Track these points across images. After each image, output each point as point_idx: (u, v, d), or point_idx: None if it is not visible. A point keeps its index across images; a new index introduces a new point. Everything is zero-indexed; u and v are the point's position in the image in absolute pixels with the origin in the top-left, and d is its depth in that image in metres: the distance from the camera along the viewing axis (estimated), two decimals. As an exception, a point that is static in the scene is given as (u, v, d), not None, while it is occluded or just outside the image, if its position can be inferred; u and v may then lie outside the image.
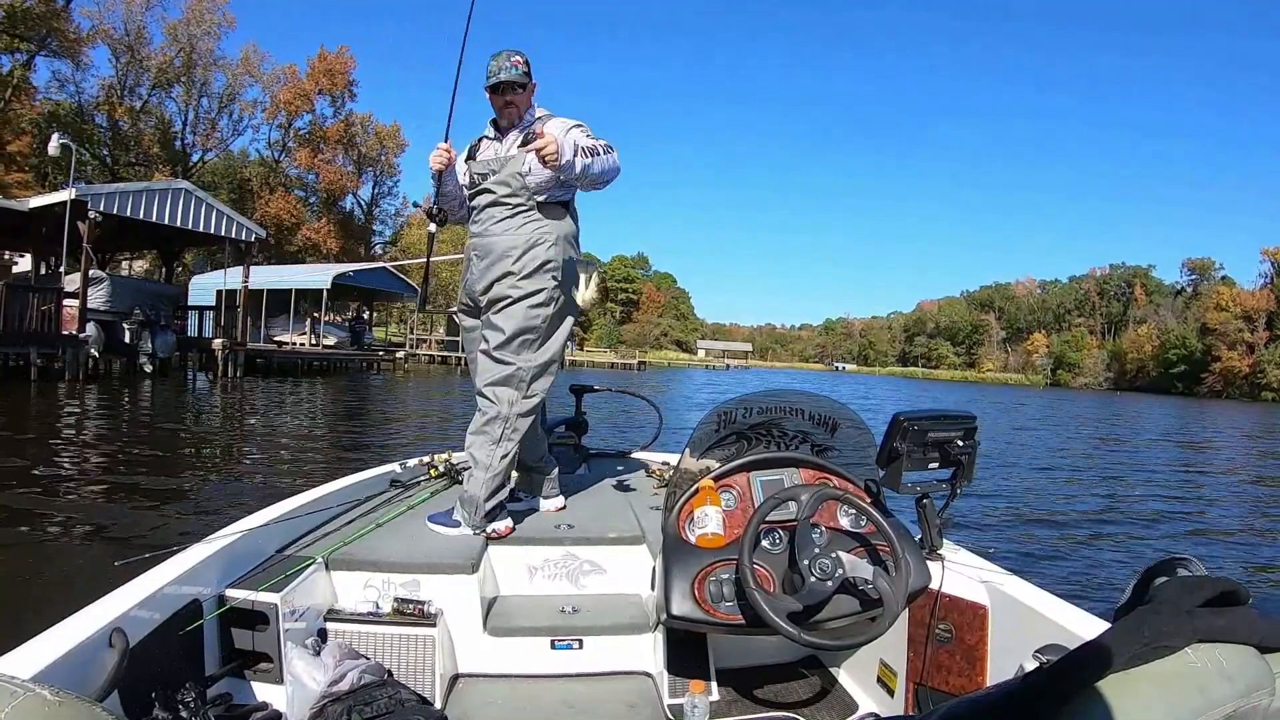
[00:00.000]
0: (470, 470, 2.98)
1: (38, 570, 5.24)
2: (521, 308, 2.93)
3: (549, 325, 2.99)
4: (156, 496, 7.55)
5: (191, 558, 2.15)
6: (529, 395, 2.98)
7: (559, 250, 2.98)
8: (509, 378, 2.94)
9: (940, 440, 2.28)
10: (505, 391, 2.95)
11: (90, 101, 45.09)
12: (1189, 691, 0.77)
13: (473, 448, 2.99)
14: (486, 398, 2.97)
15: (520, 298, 2.92)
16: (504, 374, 2.94)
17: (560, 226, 3.00)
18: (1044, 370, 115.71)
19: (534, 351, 2.97)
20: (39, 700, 0.76)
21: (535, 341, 2.97)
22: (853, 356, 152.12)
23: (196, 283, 32.07)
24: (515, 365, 2.94)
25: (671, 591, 2.09)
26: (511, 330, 2.92)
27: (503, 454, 2.94)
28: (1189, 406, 57.59)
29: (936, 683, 2.21)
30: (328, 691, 2.07)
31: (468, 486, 2.92)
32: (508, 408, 2.95)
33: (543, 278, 2.94)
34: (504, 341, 2.93)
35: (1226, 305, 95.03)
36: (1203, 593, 0.82)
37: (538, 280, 2.93)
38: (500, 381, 2.95)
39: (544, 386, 3.03)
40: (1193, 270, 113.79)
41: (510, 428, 2.95)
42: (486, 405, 2.97)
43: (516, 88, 2.93)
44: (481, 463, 2.93)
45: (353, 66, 56.85)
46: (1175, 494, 11.98)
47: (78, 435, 11.31)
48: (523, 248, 2.94)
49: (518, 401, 2.96)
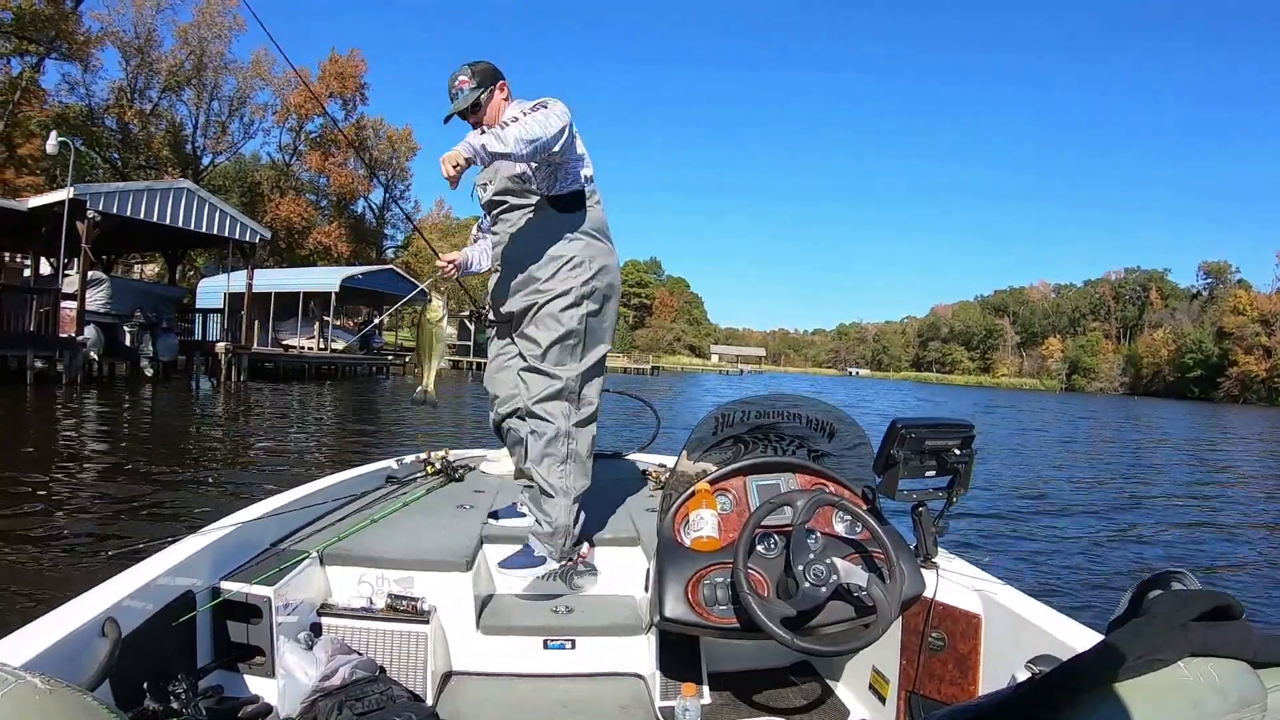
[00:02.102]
0: (544, 501, 2.77)
1: (30, 560, 5.23)
2: (552, 311, 2.73)
3: (586, 325, 2.77)
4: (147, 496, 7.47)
5: (185, 549, 2.15)
6: (583, 404, 2.80)
7: (581, 244, 2.77)
8: (559, 392, 2.74)
9: (937, 448, 2.25)
10: (558, 405, 2.75)
11: (100, 104, 45.00)
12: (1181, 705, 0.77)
13: (543, 474, 2.77)
14: (540, 416, 2.76)
15: (547, 301, 2.73)
16: (552, 389, 2.74)
17: (576, 218, 2.78)
18: (1059, 375, 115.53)
19: (577, 360, 2.77)
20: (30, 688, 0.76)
21: (576, 346, 2.76)
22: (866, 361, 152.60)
23: (204, 285, 31.90)
24: (562, 379, 2.74)
25: (665, 594, 2.10)
26: (548, 339, 2.73)
27: (575, 473, 2.78)
28: (1205, 411, 57.20)
29: (929, 691, 2.20)
30: (319, 686, 2.09)
31: (552, 518, 2.74)
32: (565, 422, 2.75)
33: (568, 275, 2.73)
34: (542, 352, 2.74)
35: (1243, 309, 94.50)
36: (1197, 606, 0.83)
37: (563, 279, 2.73)
38: (550, 397, 2.75)
39: (597, 390, 2.85)
40: (1208, 273, 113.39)
41: (573, 441, 2.77)
42: (542, 425, 2.76)
43: (472, 109, 2.76)
44: (558, 488, 2.74)
45: (364, 69, 56.69)
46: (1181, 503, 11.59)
47: (73, 437, 11.20)
48: (541, 248, 2.76)
49: (573, 413, 2.77)
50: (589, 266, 2.75)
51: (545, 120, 2.46)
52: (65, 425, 12.40)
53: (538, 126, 2.43)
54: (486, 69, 2.78)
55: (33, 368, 16.58)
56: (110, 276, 22.96)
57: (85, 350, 18.18)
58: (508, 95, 2.82)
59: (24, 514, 6.39)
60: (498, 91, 2.78)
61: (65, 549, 5.53)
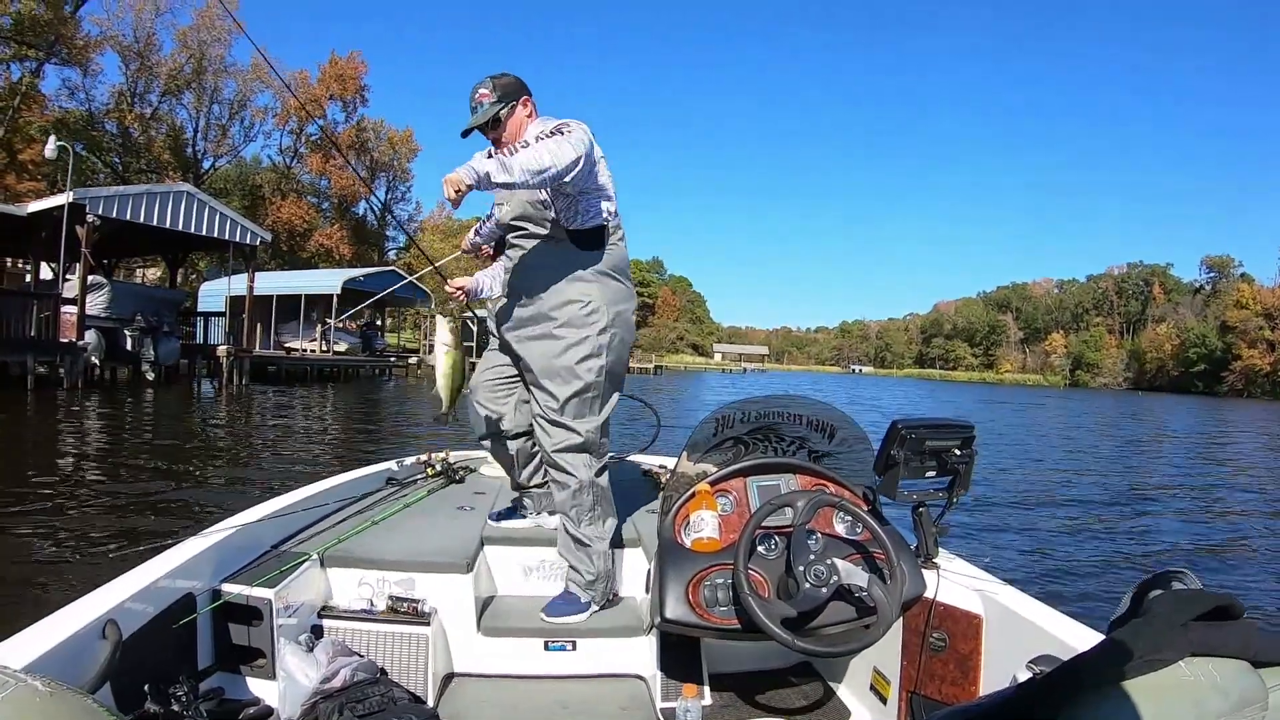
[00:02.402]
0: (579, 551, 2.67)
1: (30, 562, 5.20)
2: (568, 363, 2.58)
3: (604, 378, 2.63)
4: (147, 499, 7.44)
5: (186, 552, 2.15)
6: (602, 454, 2.70)
7: (597, 287, 2.60)
8: (580, 446, 2.62)
9: (938, 449, 2.25)
10: (579, 458, 2.63)
11: (100, 109, 45.01)
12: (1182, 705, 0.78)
13: (573, 527, 2.66)
14: (561, 468, 2.63)
15: (563, 351, 2.58)
16: (573, 442, 2.61)
17: (594, 256, 2.61)
18: (1062, 371, 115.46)
19: (596, 413, 2.64)
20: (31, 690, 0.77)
21: (594, 399, 2.63)
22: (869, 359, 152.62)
23: (207, 289, 31.80)
24: (582, 434, 2.61)
25: (666, 595, 2.10)
26: (566, 394, 2.59)
27: (604, 517, 2.68)
28: (1209, 406, 56.71)
29: (930, 691, 2.19)
30: (320, 688, 2.09)
31: (593, 567, 2.66)
32: (587, 473, 2.64)
33: (582, 321, 2.57)
34: (560, 406, 2.59)
35: (1246, 303, 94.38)
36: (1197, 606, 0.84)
37: (578, 326, 2.57)
38: (571, 449, 2.62)
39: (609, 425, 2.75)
40: (1211, 268, 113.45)
41: (596, 488, 2.66)
42: (565, 478, 2.64)
43: (492, 125, 2.57)
44: (592, 537, 2.65)
45: (364, 71, 56.69)
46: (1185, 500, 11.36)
47: (74, 442, 11.12)
48: (554, 285, 2.59)
49: (594, 463, 2.66)
50: (604, 313, 2.59)
51: (557, 150, 2.29)
52: (66, 430, 12.33)
53: (548, 155, 2.27)
54: (510, 83, 2.59)
55: (33, 373, 16.51)
56: (111, 281, 22.89)
57: (86, 355, 18.13)
58: (532, 112, 2.62)
59: (24, 517, 6.36)
60: (520, 108, 2.59)
61: (65, 551, 5.49)
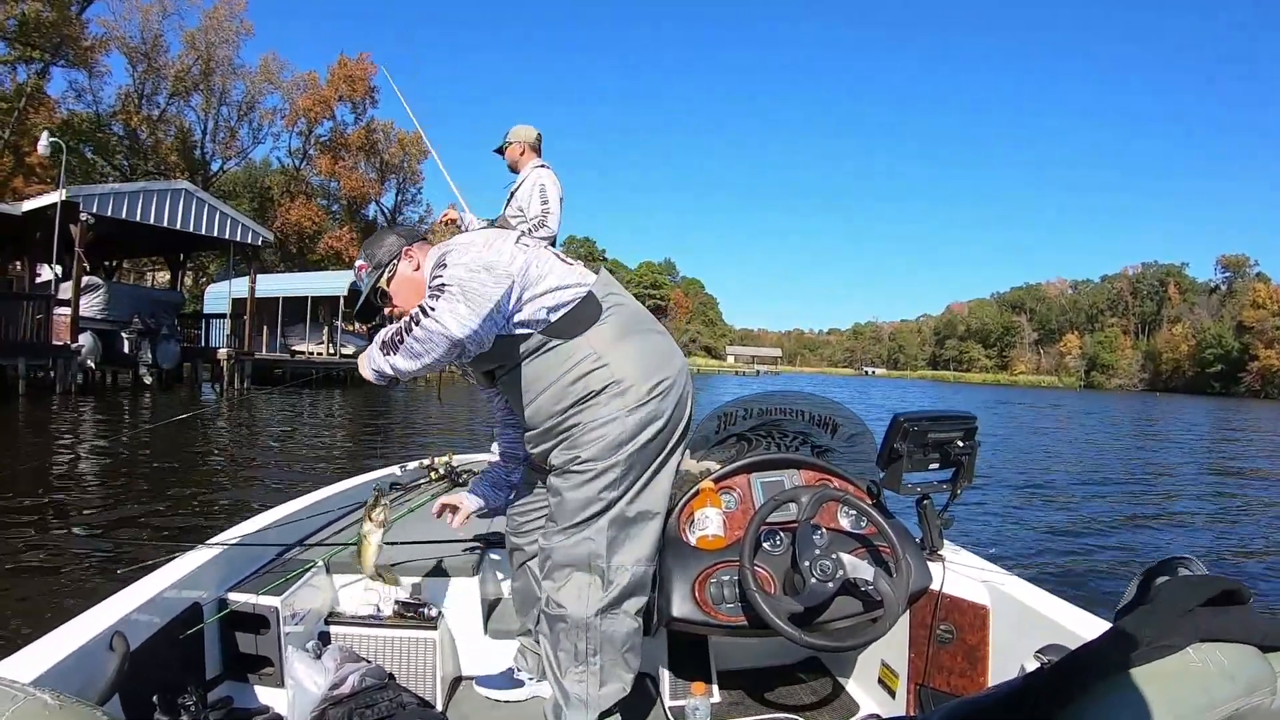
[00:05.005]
0: (562, 708, 1.96)
1: (36, 575, 5.16)
2: (589, 495, 1.91)
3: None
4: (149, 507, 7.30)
5: (192, 561, 2.15)
6: (611, 583, 1.93)
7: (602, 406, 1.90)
8: (583, 560, 1.91)
9: (940, 441, 2.25)
10: (578, 579, 1.92)
11: (108, 111, 44.80)
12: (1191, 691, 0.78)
13: (557, 672, 1.96)
14: (554, 603, 1.95)
15: (571, 479, 1.93)
16: (574, 556, 1.92)
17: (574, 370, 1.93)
18: (1077, 372, 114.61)
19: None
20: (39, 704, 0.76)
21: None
22: (882, 361, 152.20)
23: (212, 291, 31.50)
24: (590, 544, 1.91)
25: (672, 593, 2.05)
26: (576, 503, 1.92)
27: (601, 680, 1.94)
28: (1226, 407, 56.58)
29: (938, 683, 2.19)
30: (329, 695, 2.09)
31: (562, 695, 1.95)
32: (583, 609, 1.91)
33: (596, 446, 1.89)
34: (569, 514, 1.93)
35: (1263, 302, 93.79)
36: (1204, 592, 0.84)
37: (589, 447, 1.90)
38: (565, 564, 1.93)
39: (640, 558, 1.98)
40: (1227, 267, 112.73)
41: (598, 635, 1.92)
42: (554, 608, 1.95)
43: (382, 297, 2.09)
44: (575, 696, 1.93)
45: (373, 73, 56.22)
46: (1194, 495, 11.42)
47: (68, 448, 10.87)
48: (546, 411, 1.97)
49: (600, 595, 1.92)
50: (622, 422, 1.89)
51: (417, 348, 1.81)
52: (61, 436, 12.04)
53: (406, 358, 1.84)
54: (380, 248, 2.06)
55: (26, 377, 16.12)
56: (108, 282, 22.38)
57: (80, 358, 17.68)
58: (418, 264, 2.02)
59: (26, 528, 6.23)
60: (403, 263, 2.04)
61: (70, 564, 5.39)
